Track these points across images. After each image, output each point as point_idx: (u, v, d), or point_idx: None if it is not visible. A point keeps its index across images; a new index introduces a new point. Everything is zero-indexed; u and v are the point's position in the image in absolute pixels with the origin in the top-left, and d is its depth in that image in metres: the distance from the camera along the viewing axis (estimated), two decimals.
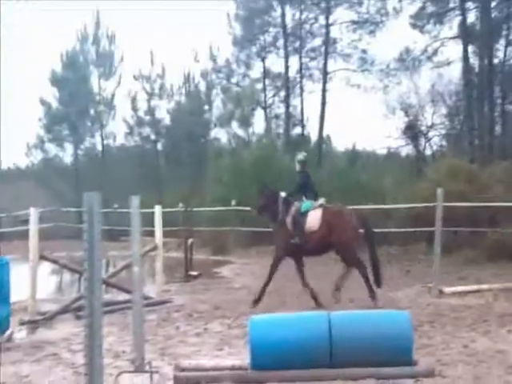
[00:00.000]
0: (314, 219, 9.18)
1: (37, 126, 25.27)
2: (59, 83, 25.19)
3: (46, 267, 12.24)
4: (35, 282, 8.20)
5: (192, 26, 38.23)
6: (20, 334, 7.47)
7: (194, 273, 13.06)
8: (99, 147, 26.35)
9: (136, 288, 5.09)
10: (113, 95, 26.03)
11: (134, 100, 26.07)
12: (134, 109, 26.05)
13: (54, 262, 9.44)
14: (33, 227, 8.22)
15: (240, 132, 25.01)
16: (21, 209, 23.20)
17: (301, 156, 9.99)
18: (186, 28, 42.80)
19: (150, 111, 26.15)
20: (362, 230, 9.27)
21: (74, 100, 24.83)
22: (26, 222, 21.24)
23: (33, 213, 8.32)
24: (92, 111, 25.84)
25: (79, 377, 5.34)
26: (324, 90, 23.87)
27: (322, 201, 9.48)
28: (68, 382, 5.25)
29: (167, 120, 26.37)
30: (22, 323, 7.92)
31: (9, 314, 7.61)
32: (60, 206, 23.05)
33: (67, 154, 25.84)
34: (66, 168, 25.67)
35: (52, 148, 25.57)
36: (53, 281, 13.65)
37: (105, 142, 26.21)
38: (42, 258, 8.61)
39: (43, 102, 25.26)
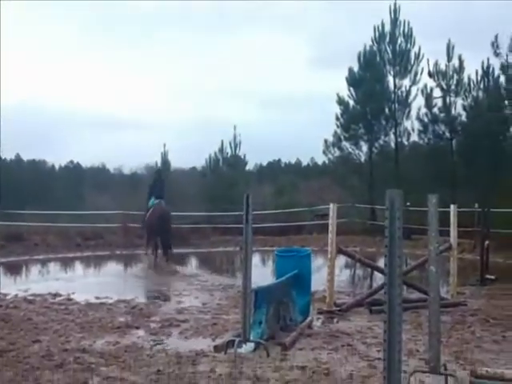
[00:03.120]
0: (149, 212, 14.89)
1: (334, 125, 26.39)
2: (356, 83, 25.94)
3: (339, 260, 12.71)
4: (333, 274, 8.59)
5: (491, 16, 35.82)
6: (318, 323, 7.93)
7: (491, 276, 12.36)
8: (392, 145, 26.46)
9: (433, 287, 5.01)
10: (407, 93, 25.93)
11: (428, 97, 25.62)
12: (429, 106, 25.61)
13: (350, 256, 9.77)
14: (332, 222, 8.60)
15: None
16: (318, 204, 24.64)
17: (156, 169, 18.33)
18: (484, 17, 40.44)
19: (446, 108, 25.49)
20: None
21: (370, 99, 25.34)
22: (322, 216, 22.53)
23: (332, 208, 8.70)
24: (387, 110, 26.08)
25: (374, 370, 5.47)
26: None
27: (157, 201, 14.99)
28: (363, 373, 5.40)
29: (463, 117, 25.43)
30: (320, 312, 8.39)
31: (309, 302, 8.15)
32: (353, 202, 23.76)
33: (362, 153, 26.49)
34: (361, 166, 26.34)
35: (347, 146, 26.44)
36: (345, 274, 14.13)
37: (398, 140, 26.25)
38: (340, 251, 8.99)
39: (341, 102, 26.25)
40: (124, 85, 66.81)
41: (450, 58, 25.21)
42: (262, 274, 12.10)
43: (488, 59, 24.64)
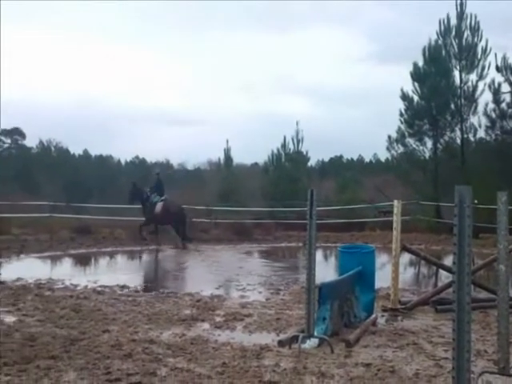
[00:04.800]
0: (159, 206, 18.42)
1: (397, 121, 25.96)
2: (421, 78, 25.44)
3: (403, 258, 12.54)
4: (397, 271, 8.49)
5: None
6: (382, 320, 7.87)
7: None
8: (458, 141, 25.86)
9: (502, 287, 4.91)
10: (474, 88, 25.27)
11: (496, 92, 24.90)
12: (497, 101, 24.90)
13: (415, 253, 9.63)
14: (396, 219, 8.51)
15: None
16: (381, 200, 24.37)
17: (156, 171, 20.54)
18: None
19: None
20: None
21: (435, 94, 24.82)
22: (384, 213, 22.26)
23: (396, 205, 8.59)
24: (452, 105, 25.48)
25: (440, 369, 5.39)
26: None
27: (164, 197, 18.68)
28: (429, 372, 5.33)
29: None
30: (385, 310, 8.32)
31: (373, 299, 8.09)
32: (417, 199, 23.37)
33: (426, 149, 25.97)
34: (425, 162, 25.83)
35: (411, 142, 25.98)
36: (409, 272, 13.96)
37: (464, 136, 25.62)
38: (404, 248, 8.88)
39: (405, 97, 25.81)
40: (187, 81, 67.93)
41: None
42: (325, 270, 12.11)
43: None
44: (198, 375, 5.19)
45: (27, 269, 12.84)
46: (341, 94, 65.79)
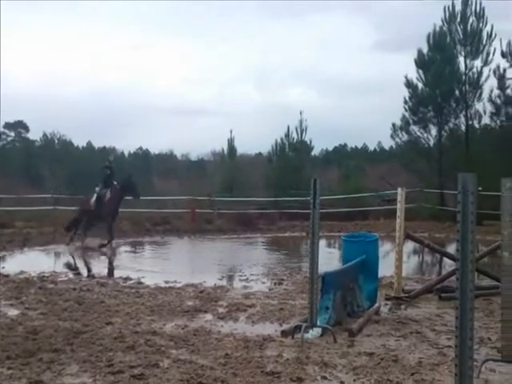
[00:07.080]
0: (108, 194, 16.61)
1: (402, 109, 25.79)
2: (425, 65, 25.27)
3: (407, 246, 12.50)
4: (401, 259, 8.45)
5: None
6: (385, 309, 7.84)
7: None
8: (463, 128, 25.71)
9: (506, 274, 4.87)
10: (479, 74, 25.08)
11: (501, 78, 24.72)
12: (502, 87, 24.72)
13: (419, 241, 9.58)
14: (400, 206, 8.45)
15: None
16: (385, 189, 24.28)
17: (109, 159, 18.42)
18: None
19: None
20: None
21: (440, 81, 24.66)
22: (388, 201, 22.17)
23: (400, 193, 8.55)
24: (457, 92, 25.32)
25: (444, 357, 5.37)
26: None
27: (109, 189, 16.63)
28: (432, 360, 5.30)
29: None
30: (388, 298, 8.29)
31: (376, 288, 8.05)
32: (421, 187, 23.27)
33: (431, 136, 25.83)
34: (429, 150, 25.72)
35: (416, 130, 25.84)
36: (413, 260, 13.92)
37: (469, 122, 25.46)
38: (408, 236, 8.83)
39: (409, 85, 25.65)
40: (193, 71, 67.77)
41: None
42: (329, 259, 12.08)
43: None
44: (201, 366, 5.16)
45: (31, 262, 12.84)
46: (346, 83, 65.56)
